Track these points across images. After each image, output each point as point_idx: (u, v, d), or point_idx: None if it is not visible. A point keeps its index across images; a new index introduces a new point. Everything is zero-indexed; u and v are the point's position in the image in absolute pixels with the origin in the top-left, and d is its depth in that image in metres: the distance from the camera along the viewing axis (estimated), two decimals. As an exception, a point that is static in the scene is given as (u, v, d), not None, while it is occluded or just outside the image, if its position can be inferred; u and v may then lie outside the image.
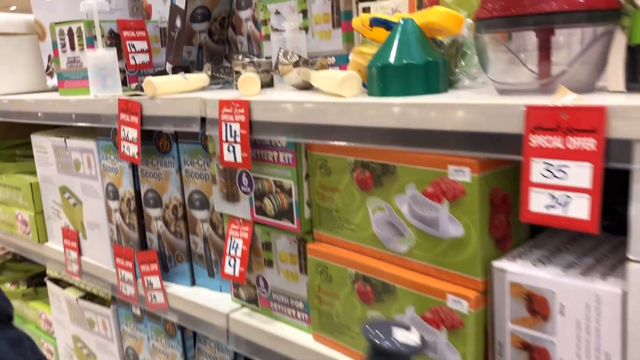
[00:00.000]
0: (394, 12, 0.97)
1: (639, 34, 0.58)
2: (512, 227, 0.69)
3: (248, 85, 0.90)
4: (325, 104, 0.75)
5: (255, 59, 1.08)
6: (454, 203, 0.66)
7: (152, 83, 1.01)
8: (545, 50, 0.64)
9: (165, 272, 1.16)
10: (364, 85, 0.78)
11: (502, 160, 0.66)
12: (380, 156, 0.74)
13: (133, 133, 1.07)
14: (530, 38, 0.65)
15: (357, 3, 1.02)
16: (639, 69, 0.59)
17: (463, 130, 0.61)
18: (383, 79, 0.72)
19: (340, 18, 1.01)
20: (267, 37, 1.13)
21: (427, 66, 0.71)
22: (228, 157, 0.90)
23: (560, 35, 0.62)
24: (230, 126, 0.88)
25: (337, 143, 0.74)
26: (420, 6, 0.92)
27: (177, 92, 1.05)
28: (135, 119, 1.06)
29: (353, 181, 0.78)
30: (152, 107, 1.03)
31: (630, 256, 0.53)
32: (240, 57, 1.10)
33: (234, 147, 0.89)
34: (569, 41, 0.62)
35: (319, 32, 1.05)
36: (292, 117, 0.79)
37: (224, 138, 0.90)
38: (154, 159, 1.12)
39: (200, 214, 1.09)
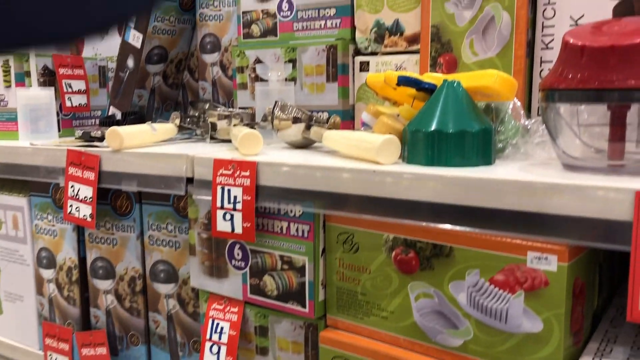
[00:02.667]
0: (398, 68, 0.90)
1: None
2: (585, 319, 0.62)
3: (250, 143, 0.77)
4: (366, 172, 0.64)
5: (234, 110, 0.96)
6: (532, 294, 0.58)
7: (119, 134, 0.85)
8: (620, 129, 0.59)
9: (115, 357, 0.97)
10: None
11: (580, 247, 0.59)
12: (429, 236, 0.64)
13: (87, 192, 0.89)
14: (605, 115, 0.59)
15: (353, 57, 0.94)
16: None
17: (556, 214, 0.54)
18: (433, 146, 0.64)
19: (337, 71, 0.92)
20: (243, 86, 1.02)
21: (484, 134, 0.63)
22: (223, 226, 0.76)
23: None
24: (229, 190, 0.75)
25: (386, 219, 0.63)
26: (434, 65, 0.85)
27: (144, 145, 0.89)
28: (90, 175, 0.89)
29: (390, 262, 0.68)
30: (114, 161, 0.87)
31: None
32: (213, 106, 0.97)
33: (232, 215, 0.75)
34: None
35: (310, 84, 0.95)
36: (318, 184, 0.67)
37: (218, 204, 0.76)
38: (108, 221, 0.94)
39: (165, 288, 0.92)
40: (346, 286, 0.72)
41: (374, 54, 0.92)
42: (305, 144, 0.85)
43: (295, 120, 0.83)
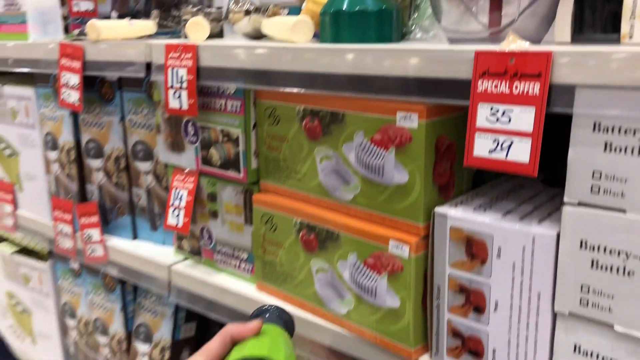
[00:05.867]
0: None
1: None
2: (456, 176, 0.70)
3: (196, 29, 0.88)
4: (277, 49, 0.74)
5: (206, 9, 1.05)
6: (400, 150, 0.67)
7: (96, 26, 0.97)
8: (496, 1, 0.65)
9: (106, 225, 1.13)
10: (315, 35, 0.78)
11: (449, 108, 0.67)
12: (330, 104, 0.73)
13: (75, 79, 1.03)
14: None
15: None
16: (585, 21, 0.61)
17: (415, 76, 0.62)
18: (336, 25, 0.72)
19: (294, -31, 0.99)
20: (219, -13, 1.10)
21: (381, 14, 0.71)
22: (173, 103, 0.88)
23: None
24: (177, 71, 0.86)
25: (289, 90, 0.73)
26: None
27: (122, 38, 1.01)
28: (77, 65, 1.02)
29: (302, 130, 0.78)
30: (95, 52, 0.99)
31: (566, 199, 0.55)
32: (190, 6, 1.07)
33: (180, 94, 0.87)
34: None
35: (272, -17, 1.03)
36: (243, 63, 0.77)
37: (169, 84, 0.87)
38: (96, 107, 1.08)
39: (143, 166, 1.06)
40: (272, 155, 0.83)
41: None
42: (257, 36, 0.94)
43: (247, 12, 0.92)
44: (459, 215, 0.64)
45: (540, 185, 0.73)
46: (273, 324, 0.63)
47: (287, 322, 0.65)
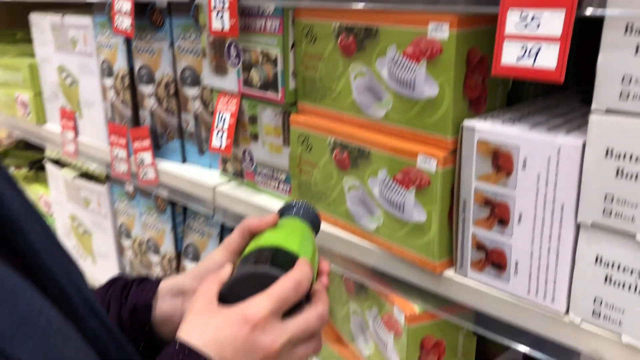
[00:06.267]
0: None
1: None
2: (488, 91, 0.69)
3: (239, -50, 0.88)
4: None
5: None
6: (431, 62, 0.66)
7: (145, -49, 1.00)
8: None
9: (157, 149, 1.18)
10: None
11: (482, 19, 0.65)
12: (364, 19, 0.73)
13: (127, 5, 1.07)
14: None
15: None
16: None
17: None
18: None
19: None
20: None
21: None
22: (216, 25, 0.90)
23: None
24: (220, -7, 0.87)
25: (325, 4, 0.73)
26: None
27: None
28: (128, -10, 1.05)
29: (337, 47, 0.78)
30: (145, -23, 1.02)
31: (594, 106, 0.54)
32: None
33: (222, 15, 0.88)
34: None
35: None
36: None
37: (212, 5, 0.89)
38: (147, 34, 1.12)
39: (191, 91, 1.09)
40: (309, 74, 0.84)
41: None
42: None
43: None
44: (486, 127, 0.63)
45: (577, 104, 0.71)
46: (297, 218, 0.65)
47: (312, 217, 0.66)
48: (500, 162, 0.62)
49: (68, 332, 0.46)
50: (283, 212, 0.66)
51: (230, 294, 0.52)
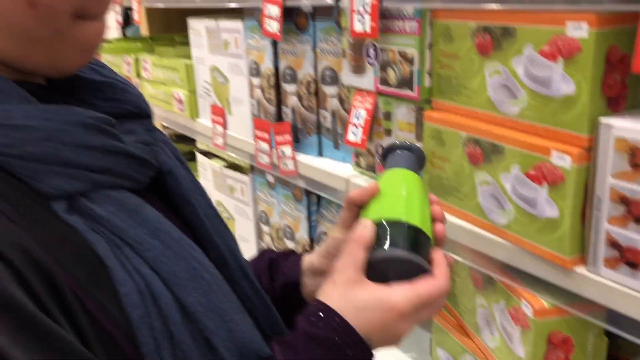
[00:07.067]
0: None
1: None
2: (628, 89, 0.69)
3: (381, -43, 0.94)
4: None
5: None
6: (569, 60, 0.67)
7: (294, -40, 1.09)
8: None
9: (297, 143, 1.28)
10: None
11: (623, 18, 0.66)
12: (501, 19, 0.76)
13: (275, 10, 1.17)
14: None
15: None
16: None
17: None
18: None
19: None
20: None
21: None
22: (358, 27, 0.96)
23: None
24: (362, -3, 0.94)
25: (463, 5, 0.77)
26: None
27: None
28: (277, -4, 1.15)
29: (473, 46, 0.81)
30: (293, -15, 1.11)
31: None
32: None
33: (363, 17, 0.95)
34: None
35: None
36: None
37: (355, 8, 0.96)
38: (292, 37, 1.21)
39: (330, 90, 1.17)
40: (444, 72, 0.88)
41: None
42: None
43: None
44: (625, 125, 0.63)
45: None
46: (401, 167, 0.68)
47: (418, 157, 0.69)
48: (638, 160, 0.62)
49: (227, 290, 0.55)
50: (386, 155, 0.70)
51: (374, 270, 0.58)
